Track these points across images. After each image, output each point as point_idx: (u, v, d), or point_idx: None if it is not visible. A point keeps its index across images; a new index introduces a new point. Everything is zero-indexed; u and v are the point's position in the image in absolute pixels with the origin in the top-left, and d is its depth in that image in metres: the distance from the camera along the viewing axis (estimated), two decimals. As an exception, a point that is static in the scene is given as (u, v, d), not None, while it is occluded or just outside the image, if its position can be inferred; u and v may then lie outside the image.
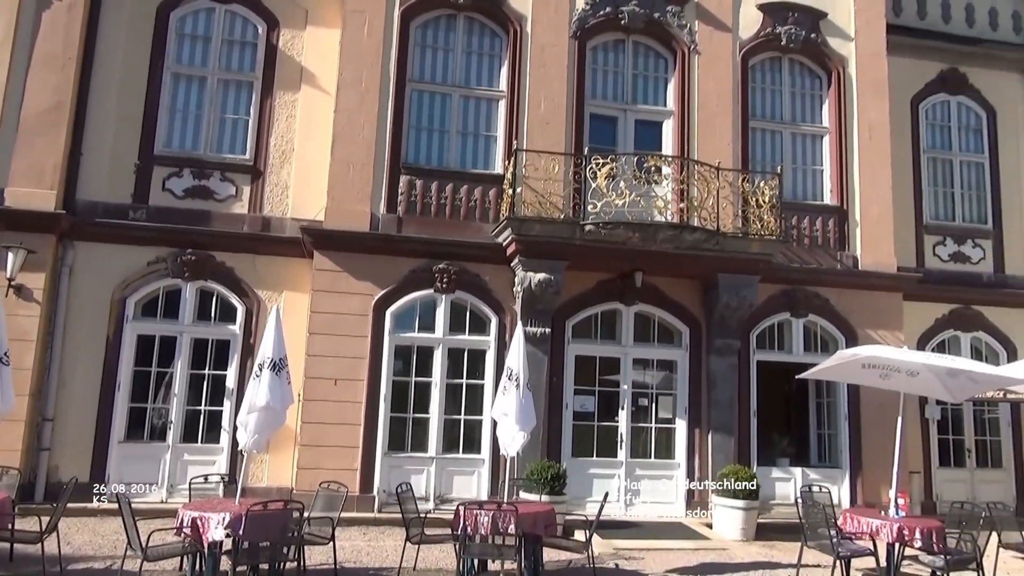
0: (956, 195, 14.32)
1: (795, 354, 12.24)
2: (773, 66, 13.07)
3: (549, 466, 10.19)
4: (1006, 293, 13.96)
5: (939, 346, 13.56)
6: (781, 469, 12.15)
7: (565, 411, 11.48)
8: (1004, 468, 13.68)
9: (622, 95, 12.44)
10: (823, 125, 13.00)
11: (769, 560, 9.13)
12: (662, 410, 11.98)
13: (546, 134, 11.67)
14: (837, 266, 12.46)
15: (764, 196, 11.51)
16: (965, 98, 14.61)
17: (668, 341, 12.06)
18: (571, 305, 11.60)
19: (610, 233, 10.71)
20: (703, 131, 12.23)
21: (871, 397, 11.74)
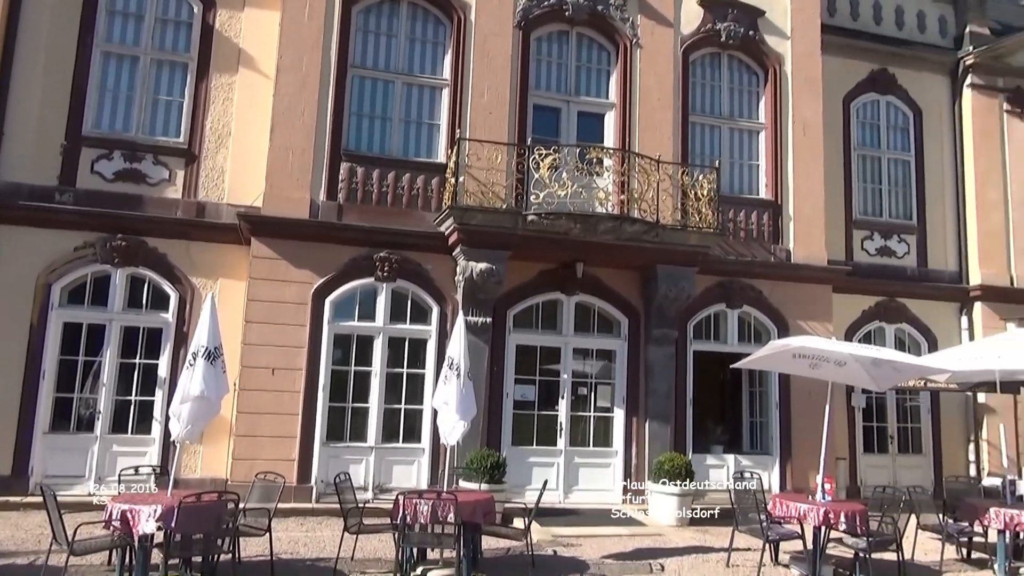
0: (884, 192, 14.87)
1: (730, 344, 12.55)
2: (713, 62, 13.31)
3: (489, 455, 10.24)
4: (928, 287, 14.58)
5: (866, 337, 14.08)
6: (715, 456, 12.47)
7: (506, 400, 11.54)
8: (923, 454, 14.31)
9: (565, 86, 12.51)
10: (760, 121, 13.32)
11: (702, 544, 9.37)
12: (601, 399, 12.15)
13: (489, 123, 11.66)
14: (771, 259, 12.81)
15: (702, 189, 11.75)
16: (894, 98, 15.14)
17: (608, 331, 12.23)
18: (513, 295, 11.65)
19: (552, 224, 10.78)
20: (644, 124, 12.39)
21: (801, 386, 12.13)
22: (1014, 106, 15.42)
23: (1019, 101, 15.47)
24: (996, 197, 14.99)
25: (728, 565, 8.32)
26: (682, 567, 8.27)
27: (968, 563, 9.10)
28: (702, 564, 8.42)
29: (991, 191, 14.97)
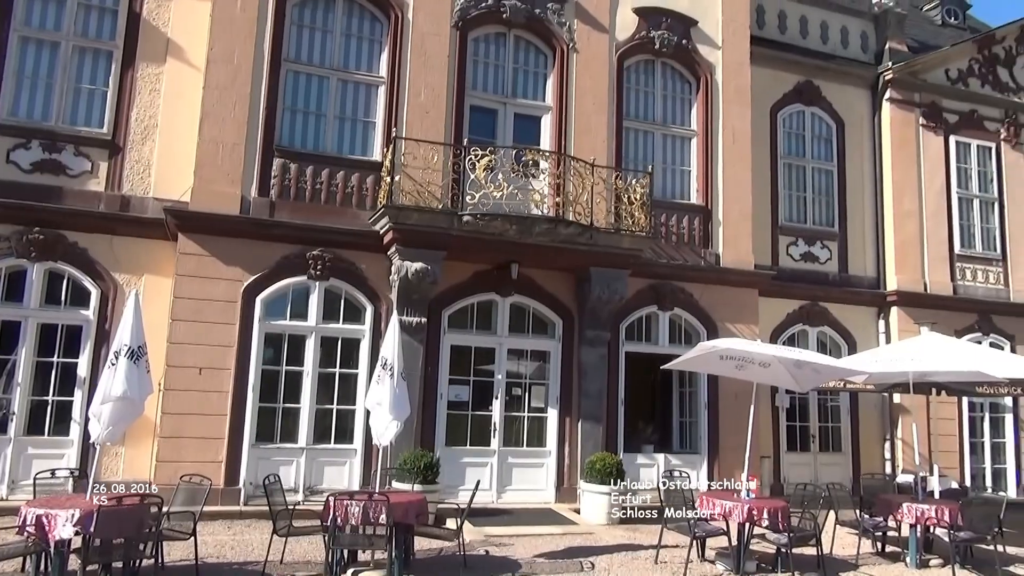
0: (808, 199, 15.40)
1: (661, 345, 12.80)
2: (647, 69, 13.56)
3: (422, 455, 10.20)
4: (848, 291, 15.18)
5: (790, 339, 14.56)
6: (645, 455, 12.69)
7: (439, 401, 11.51)
8: (843, 452, 14.89)
9: (502, 88, 12.56)
10: (691, 128, 13.63)
11: (632, 542, 9.53)
12: (535, 399, 12.24)
13: (426, 123, 11.61)
14: (701, 263, 13.12)
15: (636, 194, 11.95)
16: (818, 109, 15.71)
17: (542, 332, 12.32)
18: (448, 295, 11.63)
19: (487, 225, 10.81)
20: (580, 128, 12.54)
21: (728, 387, 12.46)
22: (929, 120, 16.20)
23: (934, 116, 16.26)
24: (912, 207, 15.71)
25: (656, 562, 8.50)
26: (612, 565, 8.39)
27: (882, 556, 9.51)
28: (631, 562, 8.57)
29: (907, 201, 15.68)
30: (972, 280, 16.12)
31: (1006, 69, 17.28)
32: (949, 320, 15.12)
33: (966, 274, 16.06)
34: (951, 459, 14.85)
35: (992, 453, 15.75)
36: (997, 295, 16.20)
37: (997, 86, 17.08)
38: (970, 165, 16.49)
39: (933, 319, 14.67)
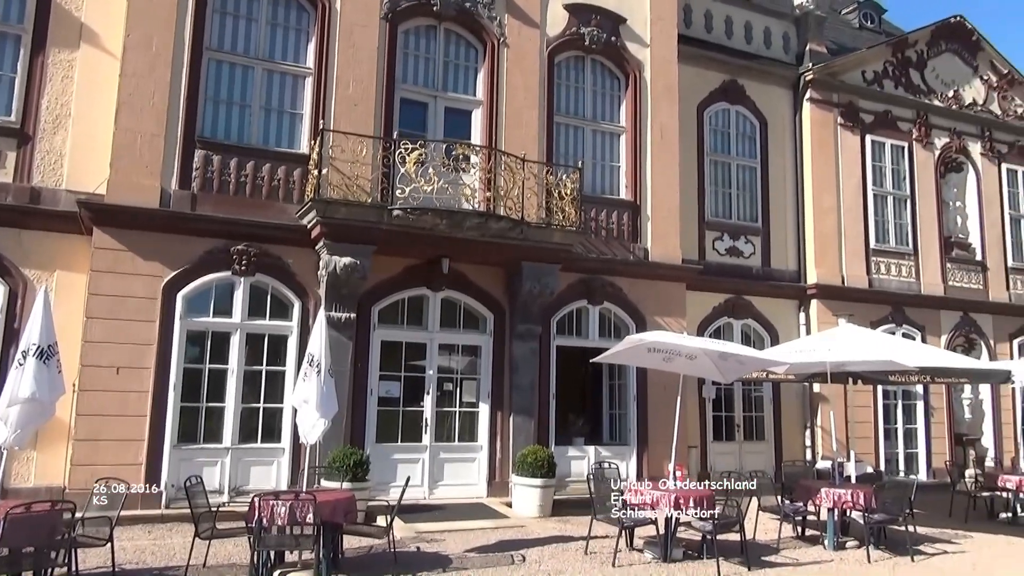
0: (733, 195, 15.81)
1: (591, 339, 12.94)
2: (577, 65, 13.67)
3: (352, 452, 10.07)
4: (771, 285, 15.65)
5: (716, 332, 14.94)
6: (577, 448, 12.83)
7: (370, 397, 11.38)
8: (766, 440, 15.36)
9: (433, 81, 12.46)
10: (621, 124, 13.80)
11: (563, 534, 9.63)
12: (466, 394, 12.22)
13: (354, 116, 11.43)
14: (630, 257, 13.31)
15: (566, 189, 12.04)
16: (743, 108, 16.12)
17: (473, 327, 12.31)
18: (378, 290, 11.50)
19: (418, 219, 10.72)
20: (510, 123, 12.55)
21: (657, 379, 12.68)
22: (846, 120, 16.82)
23: (851, 116, 16.90)
24: (830, 203, 16.29)
25: (586, 553, 8.60)
26: (543, 556, 8.46)
27: (802, 540, 9.84)
28: (562, 553, 8.65)
29: (826, 198, 16.26)
30: (886, 274, 16.84)
31: (918, 72, 18.08)
32: (865, 312, 15.78)
33: (880, 268, 16.76)
34: (867, 445, 15.50)
35: (905, 438, 16.50)
36: (909, 288, 16.95)
37: (909, 88, 17.85)
38: (884, 163, 17.20)
39: (850, 311, 15.29)
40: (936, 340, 16.77)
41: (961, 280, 17.78)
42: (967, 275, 17.91)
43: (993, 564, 8.89)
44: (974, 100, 18.72)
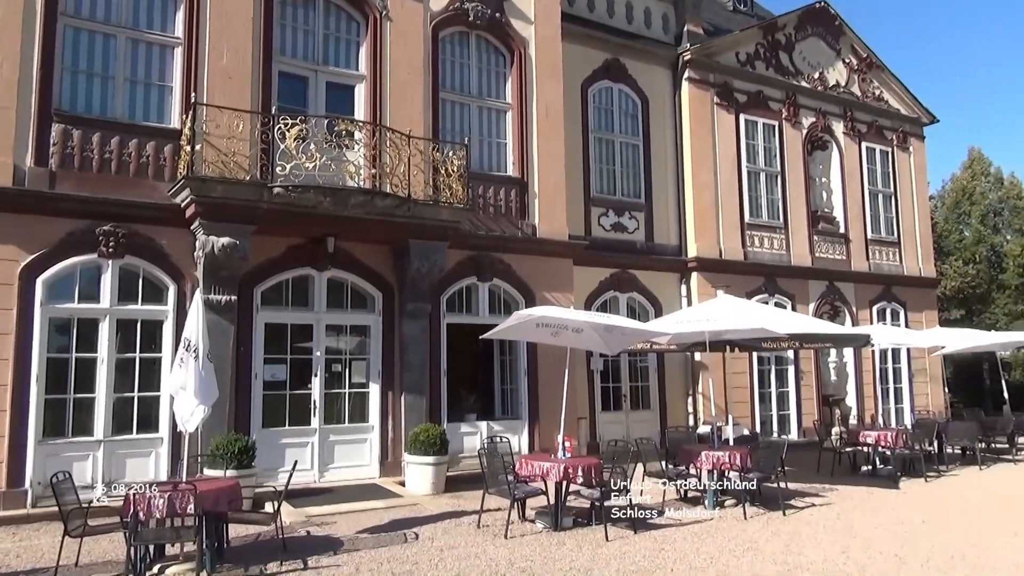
0: (617, 172, 16.20)
1: (481, 316, 13.00)
2: (462, 40, 13.56)
3: (236, 439, 9.74)
4: (654, 259, 16.19)
5: (602, 305, 15.33)
6: (469, 424, 12.91)
7: (255, 381, 11.02)
8: (652, 408, 15.96)
9: (313, 55, 12.06)
10: (507, 101, 13.82)
11: (456, 510, 9.69)
12: (356, 375, 12.04)
13: (229, 89, 10.92)
14: (518, 234, 13.41)
15: (453, 165, 11.97)
16: (625, 86, 16.49)
17: (361, 306, 12.10)
18: (260, 271, 11.11)
19: (300, 197, 10.39)
20: (395, 98, 12.33)
21: (546, 353, 12.89)
22: (722, 99, 17.51)
23: (726, 95, 17.59)
24: (708, 180, 16.96)
25: (479, 526, 8.69)
26: (436, 533, 8.49)
27: (685, 501, 10.32)
28: (455, 528, 8.71)
29: (704, 174, 16.91)
30: (760, 247, 17.74)
31: (787, 54, 19.01)
32: (741, 283, 16.59)
33: (755, 241, 17.63)
34: (744, 409, 16.39)
35: (778, 401, 17.53)
36: (780, 260, 17.94)
37: (779, 69, 18.75)
38: (757, 141, 18.05)
39: (727, 283, 15.98)
40: (805, 308, 17.86)
41: (827, 251, 18.97)
42: (832, 247, 19.11)
43: (853, 513, 9.61)
44: (837, 82, 19.88)
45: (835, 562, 7.22)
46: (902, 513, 9.63)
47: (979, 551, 7.66)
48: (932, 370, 20.51)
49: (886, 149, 20.72)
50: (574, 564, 7.17)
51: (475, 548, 7.79)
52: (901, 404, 19.76)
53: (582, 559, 7.35)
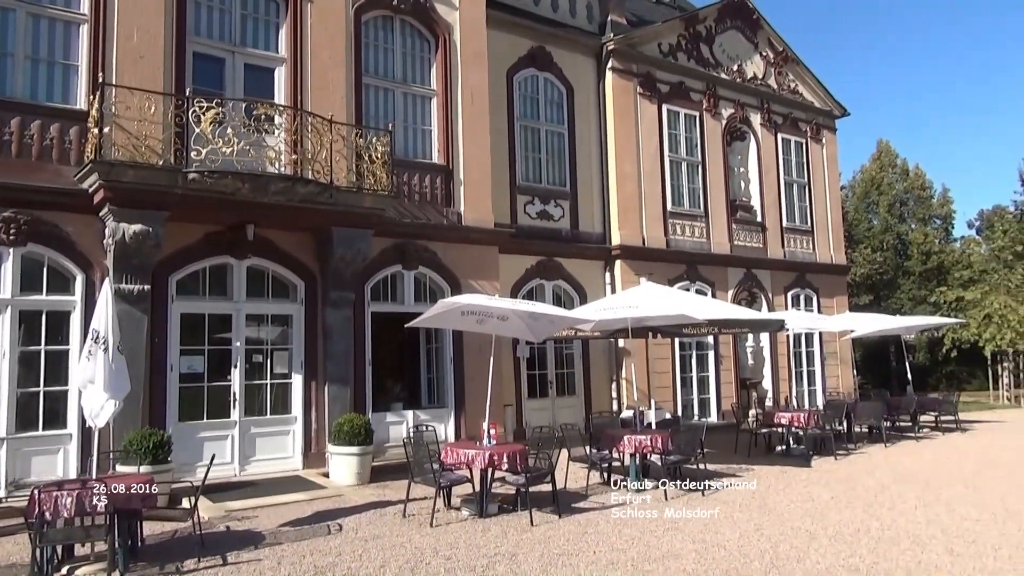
0: (543, 160, 16.28)
1: (407, 304, 12.89)
2: (386, 25, 13.34)
3: (151, 434, 9.40)
4: (579, 247, 16.36)
5: (528, 293, 15.42)
6: (395, 413, 12.82)
7: (170, 373, 10.66)
8: (577, 395, 16.18)
9: (230, 35, 11.66)
10: (431, 87, 13.69)
11: (381, 500, 9.62)
12: (278, 365, 11.79)
13: (140, 69, 10.47)
14: (444, 221, 13.34)
15: (377, 152, 11.79)
16: (550, 75, 16.56)
17: (283, 295, 11.84)
18: (175, 259, 10.74)
19: (217, 183, 10.06)
20: (316, 83, 12.06)
21: (472, 341, 12.91)
22: (645, 89, 17.78)
23: (649, 86, 17.87)
24: (631, 169, 17.22)
25: (404, 516, 8.65)
26: (360, 524, 8.40)
27: (608, 485, 10.52)
28: (380, 519, 8.65)
29: (627, 164, 17.17)
30: (682, 235, 18.14)
31: (707, 46, 19.43)
32: (664, 271, 16.96)
33: (677, 229, 18.03)
34: (666, 393, 16.79)
35: (699, 385, 18.03)
36: (701, 248, 18.40)
37: (700, 61, 19.15)
38: (679, 131, 18.41)
39: (650, 270, 16.36)
40: (724, 295, 18.39)
41: (745, 239, 19.55)
42: (750, 235, 19.71)
43: (768, 492, 9.98)
44: (755, 74, 20.45)
45: (750, 538, 7.49)
46: (813, 490, 10.06)
47: (882, 524, 8.07)
48: (842, 353, 21.44)
49: (800, 140, 21.47)
50: (499, 550, 7.22)
51: (400, 538, 7.75)
52: (814, 386, 20.60)
53: (507, 545, 7.41)
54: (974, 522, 8.09)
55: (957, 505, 9.01)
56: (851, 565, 6.54)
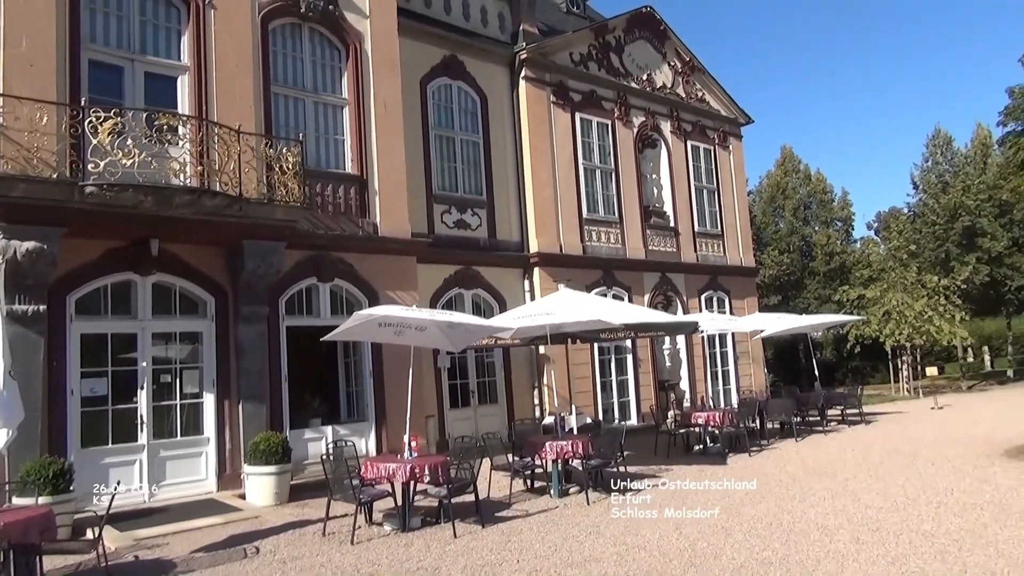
0: (459, 169, 16.27)
1: (323, 318, 12.62)
2: (294, 33, 13.07)
3: (50, 462, 8.87)
4: (498, 255, 16.42)
5: (448, 303, 15.36)
6: (313, 429, 12.52)
7: (70, 398, 10.11)
8: (499, 403, 16.19)
9: (128, 43, 11.19)
10: (343, 97, 13.49)
11: (300, 519, 9.36)
12: (188, 385, 11.34)
13: (30, 78, 9.91)
14: (359, 232, 13.14)
15: (288, 163, 11.50)
16: (464, 84, 16.59)
17: (192, 312, 11.42)
18: (73, 277, 10.21)
19: (117, 196, 9.60)
20: (222, 92, 11.70)
21: (392, 353, 12.74)
22: (558, 98, 18.02)
23: (562, 94, 18.12)
24: (547, 177, 17.41)
25: (324, 534, 8.45)
26: (279, 545, 8.16)
27: (532, 492, 10.55)
28: (299, 539, 8.42)
29: (543, 171, 17.34)
30: (598, 241, 18.44)
31: (617, 56, 19.85)
32: (581, 277, 17.19)
33: (592, 236, 18.31)
34: (587, 398, 17.00)
35: (618, 389, 18.33)
36: (617, 253, 18.74)
37: (611, 70, 19.55)
38: (592, 139, 18.73)
39: (568, 277, 16.54)
40: (641, 299, 18.77)
41: (659, 244, 20.03)
42: (663, 240, 20.21)
43: (686, 490, 10.21)
44: (664, 83, 21.02)
45: (669, 538, 7.63)
46: (728, 487, 10.34)
47: (793, 516, 8.36)
48: (754, 352, 22.20)
49: (709, 148, 22.17)
50: (422, 564, 7.13)
51: (320, 557, 7.56)
52: (729, 385, 21.25)
53: (430, 558, 7.33)
54: (877, 510, 8.48)
55: (862, 494, 9.42)
56: (764, 559, 6.74)
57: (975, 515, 7.99)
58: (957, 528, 7.48)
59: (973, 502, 8.63)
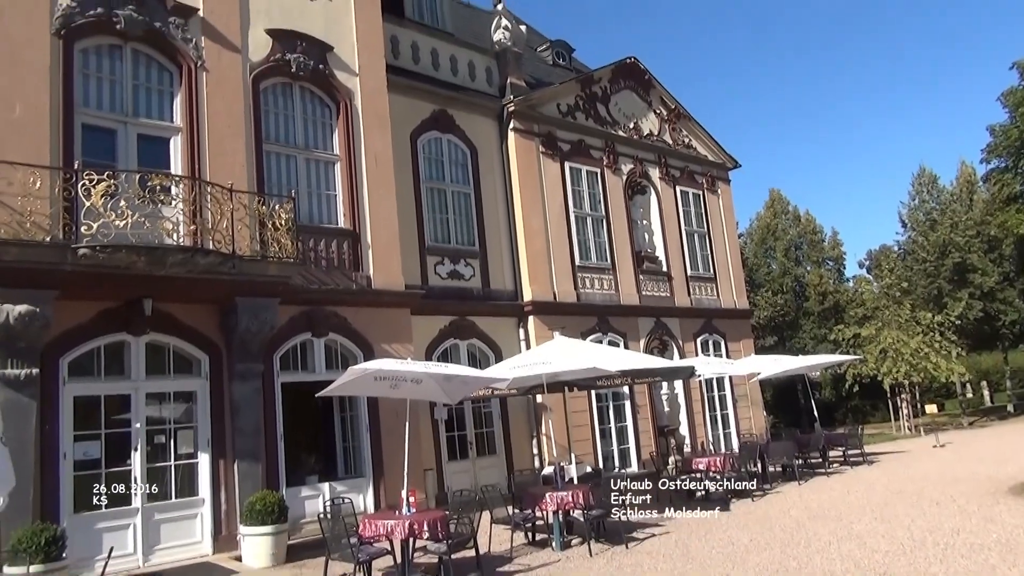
0: (451, 221, 16.38)
1: (318, 373, 12.54)
2: (285, 91, 13.27)
3: (43, 529, 8.66)
4: (492, 305, 16.42)
5: (443, 354, 15.29)
6: (310, 487, 12.33)
7: (63, 462, 9.94)
8: (498, 454, 16.01)
9: (121, 106, 11.34)
10: (334, 152, 13.63)
11: (297, 580, 9.18)
12: (183, 445, 11.20)
13: (23, 143, 9.99)
14: (353, 286, 13.14)
15: (280, 219, 11.56)
16: (454, 137, 16.81)
17: (186, 371, 11.34)
18: (66, 340, 10.14)
19: (110, 257, 9.62)
20: (215, 151, 11.82)
21: (388, 406, 12.63)
22: (547, 148, 18.26)
23: (550, 144, 18.37)
24: (539, 225, 17.53)
25: (322, 596, 8.27)
26: (275, 609, 7.98)
27: (533, 545, 10.37)
28: (296, 601, 8.23)
29: (534, 220, 17.47)
30: (591, 288, 18.48)
31: (603, 105, 20.19)
32: (576, 324, 17.18)
33: (586, 283, 18.36)
34: (586, 446, 16.82)
35: (618, 436, 18.16)
36: (610, 299, 18.77)
37: (598, 120, 19.86)
38: (582, 188, 18.92)
39: (563, 324, 16.53)
40: (636, 344, 18.73)
41: (652, 289, 20.08)
42: (656, 285, 20.27)
43: (690, 539, 10.05)
44: (651, 131, 21.34)
45: (675, 589, 7.48)
46: (732, 534, 10.19)
47: (799, 563, 8.23)
48: (753, 395, 22.09)
49: (698, 192, 22.40)
50: (423, 624, 6.96)
51: (318, 620, 7.38)
52: (729, 429, 21.09)
53: (431, 617, 7.16)
54: (884, 554, 8.36)
55: (868, 538, 9.29)
56: (773, 607, 6.60)
57: (983, 556, 7.88)
58: (965, 570, 7.37)
59: (980, 542, 8.52)
